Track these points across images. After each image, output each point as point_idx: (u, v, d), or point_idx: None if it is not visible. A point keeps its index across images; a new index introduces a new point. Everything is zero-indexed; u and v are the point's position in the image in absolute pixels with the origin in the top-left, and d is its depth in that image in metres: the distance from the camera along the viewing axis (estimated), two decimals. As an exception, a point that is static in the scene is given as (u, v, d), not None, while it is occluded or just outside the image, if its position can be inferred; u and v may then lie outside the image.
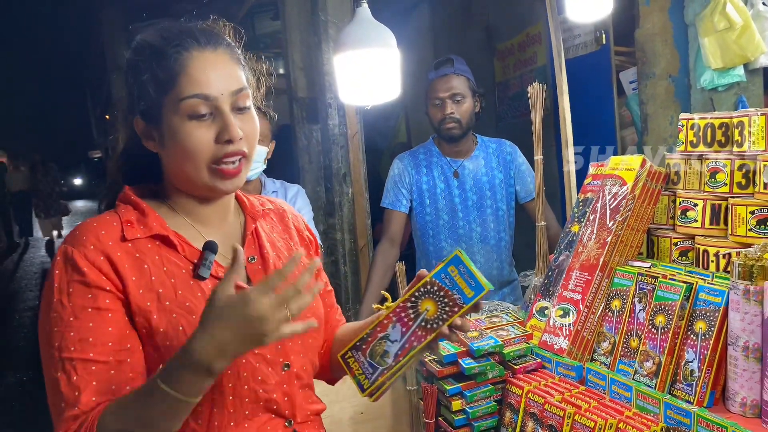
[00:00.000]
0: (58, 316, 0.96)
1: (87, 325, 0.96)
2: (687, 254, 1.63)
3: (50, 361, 0.96)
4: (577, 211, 1.81)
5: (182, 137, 1.01)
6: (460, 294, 1.07)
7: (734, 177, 1.50)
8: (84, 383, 0.94)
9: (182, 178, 1.06)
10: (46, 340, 0.97)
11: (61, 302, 0.97)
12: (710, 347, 1.34)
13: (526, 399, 1.53)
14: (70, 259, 0.98)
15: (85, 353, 0.95)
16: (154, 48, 1.03)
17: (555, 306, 1.69)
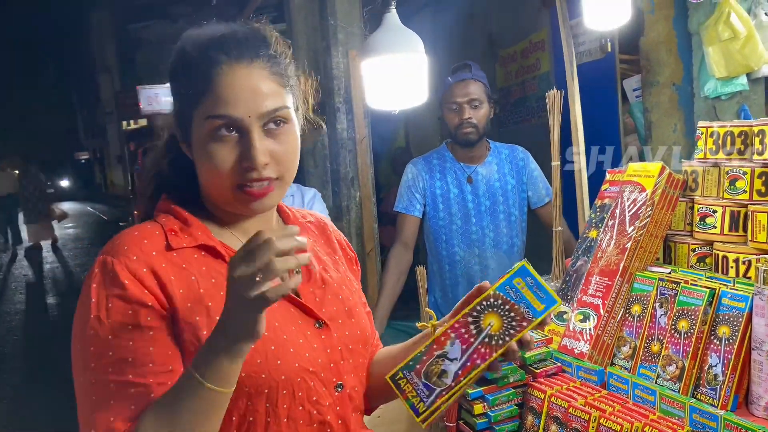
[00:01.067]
0: (94, 334, 0.89)
1: (127, 344, 0.89)
2: (705, 260, 1.66)
3: (85, 384, 0.90)
4: (595, 216, 1.83)
5: (207, 155, 0.96)
6: (528, 307, 1.01)
7: (754, 184, 1.53)
8: (120, 408, 0.87)
9: (212, 192, 1.02)
10: (81, 359, 0.90)
11: (98, 319, 0.89)
12: (734, 352, 1.36)
13: (549, 403, 1.55)
14: (110, 271, 0.91)
15: (124, 375, 0.88)
16: (185, 58, 0.99)
17: (575, 310, 1.71)
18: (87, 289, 0.92)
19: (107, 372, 0.88)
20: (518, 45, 4.09)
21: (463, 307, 1.06)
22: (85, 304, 0.91)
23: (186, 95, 0.98)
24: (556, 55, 3.71)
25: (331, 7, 2.88)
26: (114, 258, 0.93)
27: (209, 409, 0.86)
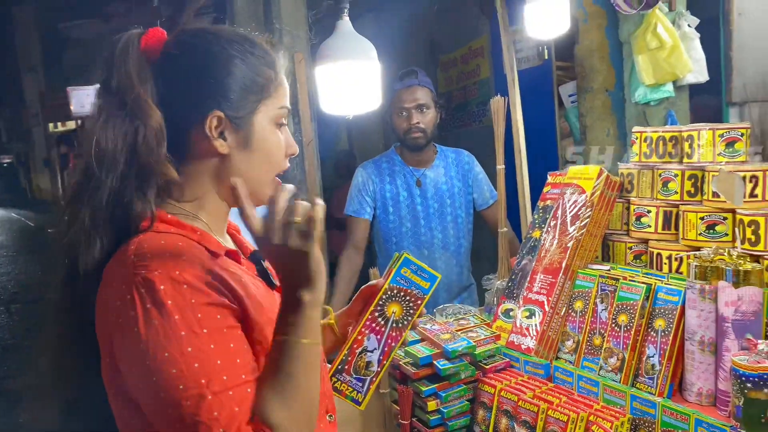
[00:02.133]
0: (195, 349, 0.84)
1: (228, 347, 0.87)
2: (640, 257, 1.76)
3: (197, 405, 0.83)
4: (538, 217, 1.91)
5: (271, 146, 1.03)
6: (418, 288, 1.26)
7: (684, 186, 1.64)
8: (243, 410, 0.85)
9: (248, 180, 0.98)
10: (185, 381, 0.83)
11: (193, 332, 0.84)
12: (669, 342, 1.46)
13: (499, 397, 1.61)
14: (185, 282, 0.86)
15: (238, 377, 0.86)
16: (260, 50, 1.02)
17: (521, 307, 1.78)
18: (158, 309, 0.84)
19: (222, 381, 0.85)
20: (458, 51, 4.18)
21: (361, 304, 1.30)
22: (164, 327, 0.84)
23: (255, 87, 1.01)
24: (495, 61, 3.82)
25: (276, 11, 2.88)
26: (178, 270, 0.87)
27: (312, 361, 0.92)
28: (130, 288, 0.86)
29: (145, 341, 0.84)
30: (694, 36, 2.91)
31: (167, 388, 0.83)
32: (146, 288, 0.85)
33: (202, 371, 0.84)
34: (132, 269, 0.87)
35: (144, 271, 0.86)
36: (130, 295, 0.85)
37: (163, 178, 0.95)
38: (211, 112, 0.97)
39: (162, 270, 0.86)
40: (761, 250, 1.43)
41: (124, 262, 0.89)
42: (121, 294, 0.86)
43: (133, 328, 0.84)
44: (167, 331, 0.84)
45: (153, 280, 0.85)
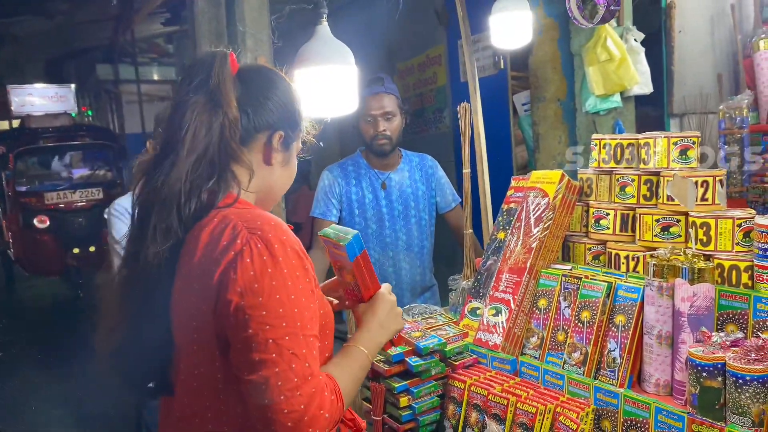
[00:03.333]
0: (296, 298, 1.06)
1: (310, 305, 1.09)
2: (599, 258, 1.86)
3: (293, 340, 1.04)
4: (502, 220, 1.98)
5: (293, 172, 1.31)
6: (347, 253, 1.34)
7: (641, 190, 1.74)
8: (315, 355, 1.07)
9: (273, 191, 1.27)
10: (290, 320, 1.05)
11: (295, 285, 1.06)
12: (629, 337, 1.55)
13: (469, 392, 1.67)
14: (291, 249, 1.09)
15: (314, 330, 1.09)
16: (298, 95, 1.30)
17: (487, 306, 1.84)
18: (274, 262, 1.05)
19: (307, 328, 1.07)
20: (415, 59, 4.27)
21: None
22: (278, 275, 1.05)
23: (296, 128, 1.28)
24: (452, 69, 3.92)
25: (240, 14, 2.88)
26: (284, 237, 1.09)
27: (365, 376, 1.24)
28: (245, 241, 1.06)
29: (258, 280, 1.04)
30: (639, 50, 3.08)
31: (272, 323, 1.03)
32: (264, 244, 1.06)
33: (299, 316, 1.06)
34: (247, 231, 1.07)
35: (260, 232, 1.07)
36: (247, 246, 1.06)
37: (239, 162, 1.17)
38: (278, 128, 1.23)
39: (274, 234, 1.08)
40: (712, 250, 1.54)
41: (231, 224, 1.09)
42: (235, 246, 1.06)
43: (247, 272, 1.04)
44: (278, 279, 1.05)
45: (270, 240, 1.07)
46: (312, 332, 1.08)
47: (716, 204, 1.60)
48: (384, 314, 1.29)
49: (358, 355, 1.21)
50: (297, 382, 1.02)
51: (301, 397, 1.02)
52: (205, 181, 1.13)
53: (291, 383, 1.02)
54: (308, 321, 1.07)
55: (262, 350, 1.03)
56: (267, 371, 1.02)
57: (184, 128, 1.12)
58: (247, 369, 1.04)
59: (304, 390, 1.02)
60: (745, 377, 1.26)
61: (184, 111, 1.14)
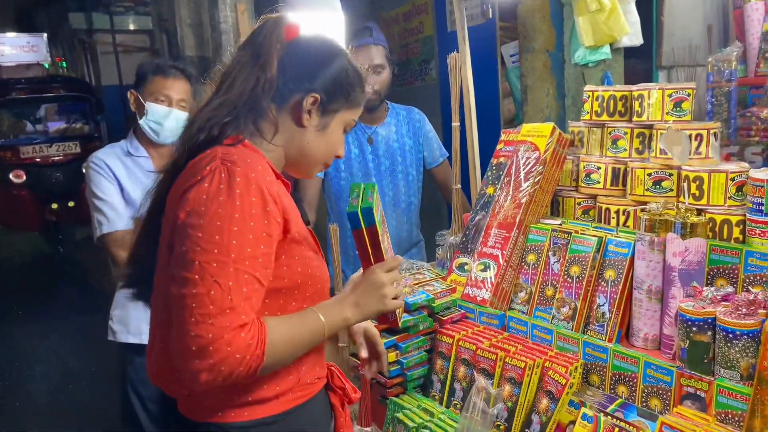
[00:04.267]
0: (239, 231, 1.05)
1: (260, 247, 1.07)
2: (589, 212, 1.84)
3: (220, 268, 1.03)
4: (491, 174, 1.95)
5: (333, 141, 1.29)
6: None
7: (633, 143, 1.71)
8: (248, 295, 1.05)
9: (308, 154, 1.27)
10: (223, 248, 1.04)
11: (244, 220, 1.06)
12: (619, 292, 1.54)
13: (457, 347, 1.66)
14: (255, 186, 1.08)
15: (255, 271, 1.06)
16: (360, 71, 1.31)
17: (476, 261, 1.82)
18: (229, 191, 1.06)
19: (245, 264, 1.05)
20: (400, 8, 4.14)
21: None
22: (228, 204, 1.06)
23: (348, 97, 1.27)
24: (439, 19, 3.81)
25: (218, -42, 2.75)
26: (253, 174, 1.09)
27: (313, 343, 1.19)
28: (213, 168, 1.09)
29: (206, 204, 1.06)
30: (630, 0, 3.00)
31: (204, 246, 1.04)
32: (227, 173, 1.08)
33: (236, 248, 1.05)
34: (219, 159, 1.10)
35: (229, 163, 1.09)
36: (211, 172, 1.08)
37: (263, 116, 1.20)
38: (313, 93, 1.22)
39: (243, 168, 1.08)
40: (705, 204, 1.52)
41: (212, 155, 1.12)
42: (205, 170, 1.09)
43: (201, 194, 1.07)
44: (226, 208, 1.05)
45: (234, 171, 1.08)
46: (250, 270, 1.06)
47: (710, 158, 1.57)
48: (365, 293, 1.25)
49: (311, 319, 1.17)
50: (212, 310, 1.01)
51: (212, 326, 1.01)
52: (221, 120, 1.18)
53: (205, 309, 1.01)
54: (248, 258, 1.06)
55: (188, 269, 1.04)
56: (186, 290, 1.03)
57: (226, 79, 1.22)
58: (173, 283, 1.06)
59: (218, 321, 1.01)
60: (735, 332, 1.26)
61: (232, 65, 1.23)
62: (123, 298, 2.17)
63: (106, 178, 2.12)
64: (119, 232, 2.08)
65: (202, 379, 1.02)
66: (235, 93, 1.20)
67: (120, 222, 2.09)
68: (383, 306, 1.26)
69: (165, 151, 2.20)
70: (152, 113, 2.14)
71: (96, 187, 2.11)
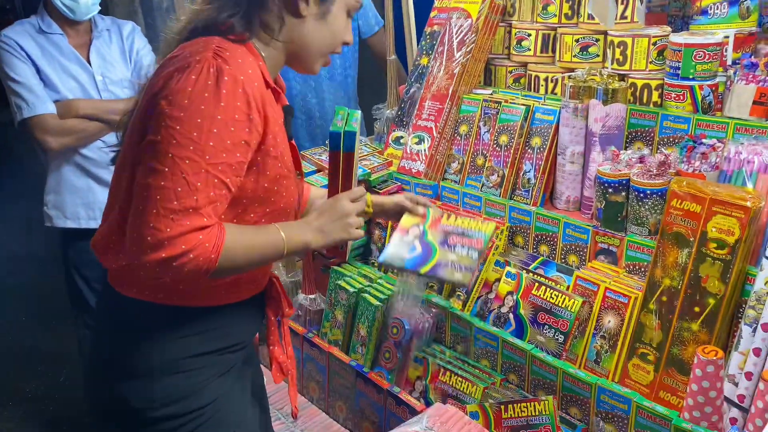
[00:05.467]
0: (218, 133, 1.02)
1: (236, 155, 1.05)
2: (520, 80, 1.86)
3: (191, 166, 1.01)
4: (425, 44, 1.92)
5: (337, 28, 1.20)
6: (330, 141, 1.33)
7: (563, 8, 1.71)
8: (214, 200, 1.04)
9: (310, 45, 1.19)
10: (198, 147, 1.01)
11: (225, 123, 1.02)
12: (544, 158, 1.61)
13: (393, 217, 1.73)
14: (242, 90, 1.04)
15: (226, 177, 1.04)
16: None
17: (411, 134, 1.85)
18: (215, 90, 1.02)
19: (217, 168, 1.03)
20: None
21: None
22: (211, 103, 1.01)
23: None
24: None
25: None
26: (242, 77, 1.04)
27: (270, 258, 1.18)
28: (204, 59, 1.04)
29: (189, 97, 1.01)
30: None
31: (179, 140, 1.01)
32: (216, 69, 1.03)
33: (211, 150, 1.02)
34: (212, 51, 1.05)
35: (220, 59, 1.04)
36: (200, 62, 1.03)
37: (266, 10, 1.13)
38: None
39: (234, 69, 1.04)
40: (627, 70, 1.56)
41: (206, 44, 1.07)
42: (195, 57, 1.04)
43: (186, 84, 1.02)
44: (209, 106, 1.02)
45: (223, 69, 1.03)
46: (221, 175, 1.03)
47: (635, 22, 1.59)
48: (330, 219, 1.22)
49: (272, 235, 1.15)
50: (175, 206, 1.00)
51: (172, 222, 1.00)
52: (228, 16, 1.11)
53: (169, 204, 1.00)
54: (221, 162, 1.03)
55: (159, 160, 1.01)
56: (153, 180, 1.01)
57: None
58: (141, 173, 1.04)
59: (178, 218, 1.00)
60: (646, 191, 1.35)
61: None
62: (55, 182, 2.13)
63: (19, 59, 2.00)
64: (43, 116, 2.00)
65: (150, 270, 1.01)
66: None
67: (41, 105, 2.00)
68: (347, 234, 1.24)
69: (82, 28, 2.08)
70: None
71: (10, 69, 2.00)
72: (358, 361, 1.63)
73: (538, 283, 1.44)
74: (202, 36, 1.10)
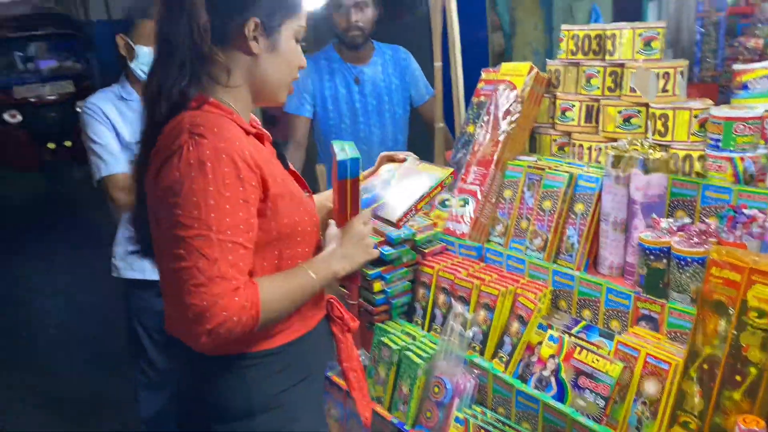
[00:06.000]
0: (216, 204, 1.09)
1: (238, 214, 1.12)
2: (564, 149, 1.92)
3: (204, 242, 1.09)
4: (472, 113, 2.02)
5: (289, 56, 1.26)
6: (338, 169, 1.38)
7: (606, 81, 1.78)
8: (236, 261, 1.11)
9: (269, 80, 1.26)
10: (203, 223, 1.09)
11: (219, 192, 1.09)
12: (587, 224, 1.65)
13: (438, 277, 1.78)
14: (226, 156, 1.10)
15: (237, 237, 1.12)
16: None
17: (456, 197, 1.92)
18: (200, 167, 1.09)
19: (227, 234, 1.10)
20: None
21: None
22: (201, 180, 1.09)
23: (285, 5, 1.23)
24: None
25: None
26: (222, 144, 1.11)
27: (307, 297, 1.27)
28: (182, 143, 1.10)
29: (180, 182, 1.09)
30: (619, -74, 2.97)
31: (185, 222, 1.09)
32: (195, 147, 1.10)
33: (214, 220, 1.10)
34: (188, 132, 1.11)
35: (197, 136, 1.11)
36: (180, 147, 1.10)
37: (212, 63, 1.18)
38: (251, 17, 1.19)
39: (211, 140, 1.11)
40: (669, 140, 1.61)
41: (180, 125, 1.13)
42: (174, 145, 1.11)
43: (174, 172, 1.10)
44: (199, 183, 1.09)
45: (202, 144, 1.10)
46: (232, 238, 1.10)
47: (676, 95, 1.64)
48: (350, 244, 1.32)
49: (301, 276, 1.23)
50: (203, 280, 1.07)
51: (205, 294, 1.07)
52: (176, 84, 1.17)
53: (196, 280, 1.08)
54: (228, 227, 1.10)
55: (174, 245, 1.10)
56: (176, 264, 1.10)
57: (160, 40, 1.20)
58: (164, 257, 1.14)
59: (210, 289, 1.07)
60: (687, 259, 1.37)
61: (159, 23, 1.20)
62: (123, 238, 2.28)
63: (100, 123, 2.19)
64: (117, 176, 2.17)
65: (202, 342, 1.10)
66: (174, 49, 1.17)
67: (117, 165, 2.17)
68: (368, 255, 1.35)
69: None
70: (143, 56, 2.18)
71: (91, 132, 2.19)
72: (400, 418, 1.66)
73: (579, 346, 1.46)
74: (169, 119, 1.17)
